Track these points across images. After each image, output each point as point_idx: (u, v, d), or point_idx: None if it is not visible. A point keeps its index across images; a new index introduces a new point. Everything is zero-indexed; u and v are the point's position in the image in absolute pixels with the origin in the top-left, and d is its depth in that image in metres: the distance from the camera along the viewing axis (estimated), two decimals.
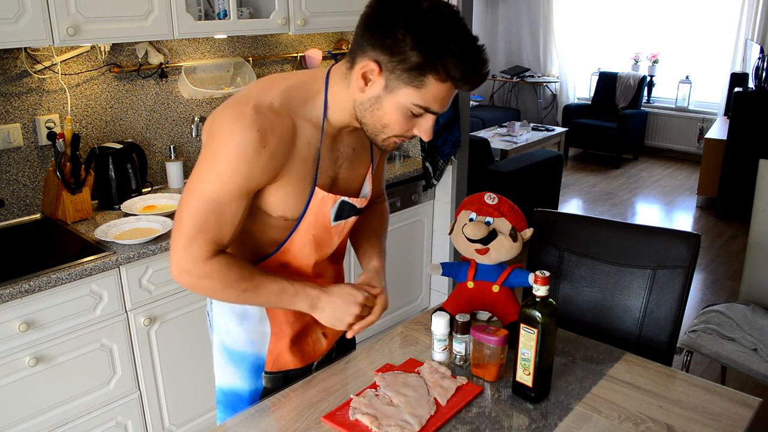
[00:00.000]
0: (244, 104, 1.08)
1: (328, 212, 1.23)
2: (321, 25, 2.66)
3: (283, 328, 1.32)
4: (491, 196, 1.49)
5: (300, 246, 1.26)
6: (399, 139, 1.14)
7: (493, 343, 1.31)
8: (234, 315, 1.32)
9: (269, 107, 1.09)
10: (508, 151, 5.27)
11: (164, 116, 2.60)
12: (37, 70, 2.20)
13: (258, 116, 1.07)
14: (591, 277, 1.74)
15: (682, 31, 6.80)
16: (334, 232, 1.29)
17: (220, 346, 1.36)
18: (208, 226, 1.11)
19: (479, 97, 7.87)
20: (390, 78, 1.05)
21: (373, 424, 1.18)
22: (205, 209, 1.10)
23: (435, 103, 1.07)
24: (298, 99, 1.14)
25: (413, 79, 1.04)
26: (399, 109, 1.08)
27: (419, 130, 1.12)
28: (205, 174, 1.10)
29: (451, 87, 1.06)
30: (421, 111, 1.08)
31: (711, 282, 3.98)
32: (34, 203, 2.28)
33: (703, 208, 5.40)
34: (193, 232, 1.11)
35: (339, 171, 1.25)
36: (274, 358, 1.34)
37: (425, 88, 1.04)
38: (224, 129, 1.07)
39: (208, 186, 1.09)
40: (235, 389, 1.36)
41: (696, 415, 1.23)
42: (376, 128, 1.12)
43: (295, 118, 1.13)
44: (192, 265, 1.12)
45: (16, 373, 1.80)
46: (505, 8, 7.94)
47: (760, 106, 4.73)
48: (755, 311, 2.33)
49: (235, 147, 1.06)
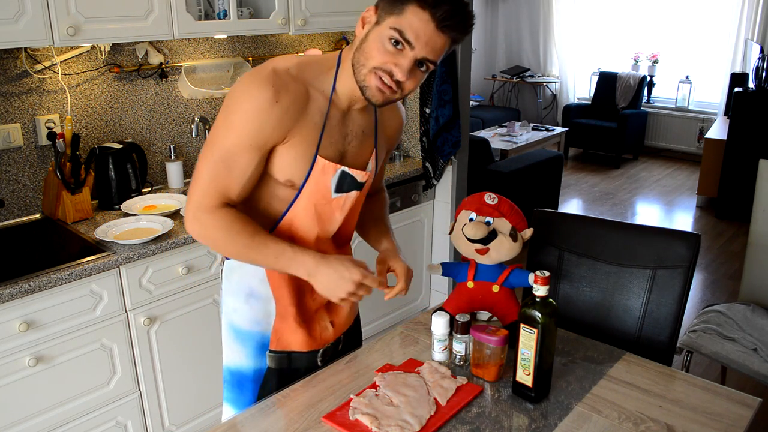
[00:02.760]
0: (263, 68, 1.19)
1: (329, 182, 1.27)
2: (321, 25, 2.66)
3: (287, 308, 1.34)
4: (491, 196, 1.49)
5: (302, 217, 1.29)
6: (379, 74, 1.15)
7: (493, 343, 1.31)
8: (242, 294, 1.35)
9: (286, 71, 1.19)
10: (508, 151, 5.27)
11: (164, 116, 2.60)
12: (37, 70, 2.20)
13: (274, 76, 1.17)
14: (591, 277, 1.74)
15: (682, 31, 6.80)
16: (336, 206, 1.32)
17: (227, 326, 1.39)
18: (219, 175, 1.19)
19: (479, 97, 7.88)
20: (380, 14, 1.15)
21: (373, 424, 1.18)
22: (218, 159, 1.18)
23: (410, 30, 1.11)
24: (312, 71, 1.23)
25: (395, 7, 1.12)
26: (380, 38, 1.14)
27: (396, 64, 1.14)
28: (221, 127, 1.18)
29: (428, 17, 1.10)
30: (398, 38, 1.12)
31: (711, 282, 3.98)
32: (34, 203, 2.28)
33: (703, 208, 5.40)
34: (205, 180, 1.20)
35: (348, 147, 1.30)
36: (279, 338, 1.36)
37: (404, 14, 1.11)
38: (242, 86, 1.17)
39: (222, 137, 1.18)
40: (240, 368, 1.39)
41: (696, 415, 1.23)
42: (360, 63, 1.17)
43: (309, 87, 1.22)
44: (201, 213, 1.21)
45: (16, 373, 1.80)
46: (505, 8, 7.94)
47: (760, 106, 4.73)
48: (755, 311, 2.33)
49: (250, 100, 1.15)
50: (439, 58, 1.17)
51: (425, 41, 1.12)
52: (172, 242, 2.04)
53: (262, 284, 1.34)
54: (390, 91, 1.18)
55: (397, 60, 1.14)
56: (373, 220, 1.51)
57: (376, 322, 3.01)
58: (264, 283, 1.33)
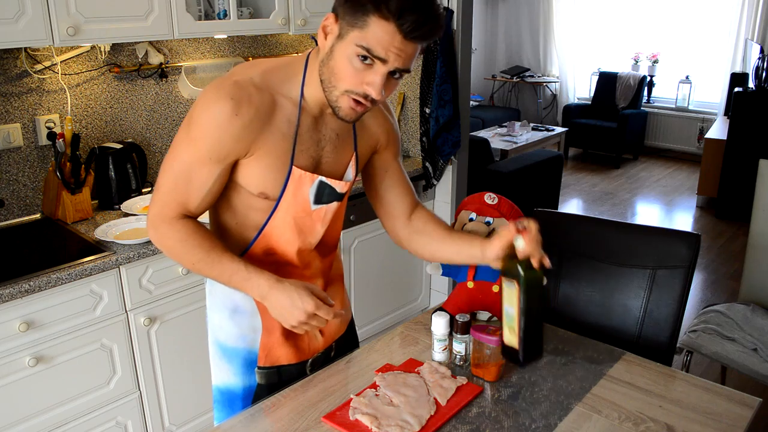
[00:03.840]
0: (225, 80, 1.15)
1: (307, 193, 1.23)
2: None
3: (273, 321, 1.29)
4: (491, 196, 1.49)
5: (281, 230, 1.25)
6: (352, 96, 1.10)
7: (493, 343, 1.31)
8: (226, 310, 1.32)
9: (249, 81, 1.15)
10: (508, 151, 5.27)
11: (164, 116, 2.60)
12: (37, 70, 2.20)
13: (235, 88, 1.12)
14: (591, 277, 1.74)
15: (682, 31, 6.80)
16: (316, 218, 1.27)
17: (214, 343, 1.36)
18: (178, 188, 1.17)
19: (479, 97, 7.88)
20: (342, 25, 1.08)
21: (373, 424, 1.18)
22: (177, 171, 1.16)
23: (378, 46, 1.04)
24: (278, 78, 1.18)
25: (357, 20, 1.05)
26: (347, 56, 1.07)
27: (368, 83, 1.08)
28: (180, 139, 1.16)
29: (394, 29, 1.03)
30: (365, 54, 1.05)
31: (711, 282, 3.98)
32: (34, 203, 2.28)
33: (703, 208, 5.40)
34: (164, 190, 1.18)
35: (322, 153, 1.25)
36: (267, 353, 1.33)
37: (368, 28, 1.04)
38: (203, 99, 1.14)
39: (181, 150, 1.16)
40: (229, 387, 1.36)
41: (696, 415, 1.23)
42: (330, 83, 1.11)
43: (275, 94, 1.17)
44: (160, 222, 1.20)
45: (16, 373, 1.80)
46: (505, 8, 7.94)
47: (760, 106, 4.73)
48: (755, 311, 2.33)
49: (209, 113, 1.12)
50: (411, 65, 1.10)
51: (395, 53, 1.05)
52: None
53: (246, 298, 1.29)
54: (362, 108, 1.12)
55: (369, 78, 1.08)
56: (444, 229, 1.38)
57: (376, 322, 3.01)
58: (248, 297, 1.28)
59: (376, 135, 1.35)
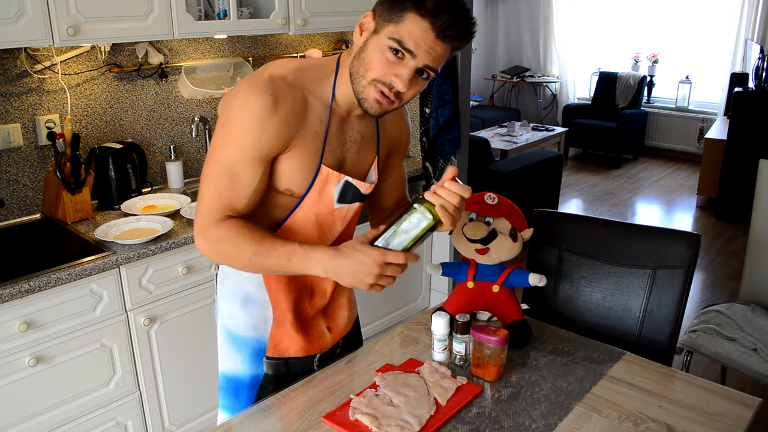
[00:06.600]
0: (259, 75, 1.15)
1: (332, 192, 1.25)
2: (321, 25, 2.66)
3: (285, 313, 1.32)
4: (491, 196, 1.49)
5: (301, 225, 1.27)
6: (379, 87, 1.12)
7: (493, 343, 1.31)
8: (237, 299, 1.33)
9: (282, 78, 1.15)
10: (508, 151, 5.27)
11: (164, 116, 2.60)
12: (37, 70, 2.20)
13: (271, 84, 1.13)
14: (591, 277, 1.74)
15: (682, 31, 6.80)
16: (337, 216, 1.30)
17: (223, 331, 1.38)
18: (222, 190, 1.15)
19: (479, 97, 7.88)
20: (378, 21, 1.11)
21: (373, 424, 1.18)
22: (220, 173, 1.15)
23: (410, 39, 1.08)
24: (310, 77, 1.20)
25: (393, 15, 1.09)
26: (380, 48, 1.11)
27: (396, 74, 1.11)
28: (221, 140, 1.15)
29: (428, 26, 1.07)
30: (397, 47, 1.09)
31: (711, 282, 3.98)
32: (34, 203, 2.28)
33: (703, 208, 5.40)
34: (208, 196, 1.16)
35: (347, 154, 1.27)
36: (276, 344, 1.35)
37: (403, 22, 1.08)
38: (239, 96, 1.13)
39: (223, 150, 1.15)
40: (236, 375, 1.38)
41: (696, 415, 1.23)
42: (359, 74, 1.14)
43: (307, 94, 1.18)
44: (207, 229, 1.17)
45: (16, 373, 1.80)
46: (505, 8, 7.94)
47: (760, 106, 4.73)
48: (755, 311, 2.33)
49: (249, 110, 1.11)
50: (440, 66, 1.13)
51: (426, 50, 1.09)
52: (172, 242, 2.04)
53: (259, 289, 1.31)
54: (388, 102, 1.14)
55: (398, 70, 1.11)
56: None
57: (376, 322, 3.01)
58: (260, 288, 1.31)
59: (393, 137, 1.38)
